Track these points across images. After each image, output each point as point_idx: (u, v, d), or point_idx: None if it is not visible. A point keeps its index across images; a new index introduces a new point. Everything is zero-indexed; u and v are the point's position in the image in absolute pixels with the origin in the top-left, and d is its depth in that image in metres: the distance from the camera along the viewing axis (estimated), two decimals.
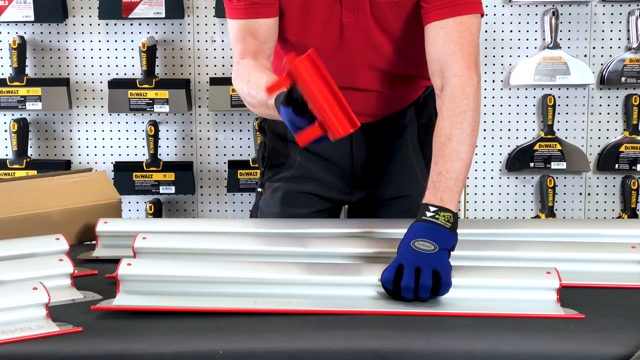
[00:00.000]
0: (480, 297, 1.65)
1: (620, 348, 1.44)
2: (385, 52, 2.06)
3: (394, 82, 2.12)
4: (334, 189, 2.22)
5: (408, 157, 2.21)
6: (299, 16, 2.02)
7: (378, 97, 2.12)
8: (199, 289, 1.65)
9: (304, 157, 2.21)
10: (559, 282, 1.64)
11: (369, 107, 2.12)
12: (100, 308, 1.60)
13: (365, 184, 2.22)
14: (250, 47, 2.02)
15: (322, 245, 1.88)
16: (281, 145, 2.24)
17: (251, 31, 2.02)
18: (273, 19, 2.02)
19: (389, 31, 2.03)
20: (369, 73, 2.07)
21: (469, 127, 1.84)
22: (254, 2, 2.00)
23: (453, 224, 1.71)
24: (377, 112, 2.16)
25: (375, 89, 2.10)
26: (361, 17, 2.01)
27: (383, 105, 2.15)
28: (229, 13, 2.05)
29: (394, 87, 2.13)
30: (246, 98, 1.97)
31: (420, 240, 1.67)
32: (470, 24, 1.94)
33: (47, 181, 2.18)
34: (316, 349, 1.45)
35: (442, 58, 1.92)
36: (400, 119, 2.20)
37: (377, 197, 2.22)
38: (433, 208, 1.72)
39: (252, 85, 1.92)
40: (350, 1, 2.00)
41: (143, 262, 1.73)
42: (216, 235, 1.97)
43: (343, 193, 2.23)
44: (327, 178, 2.20)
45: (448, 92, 1.88)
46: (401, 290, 1.62)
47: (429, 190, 1.78)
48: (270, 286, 1.66)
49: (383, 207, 2.23)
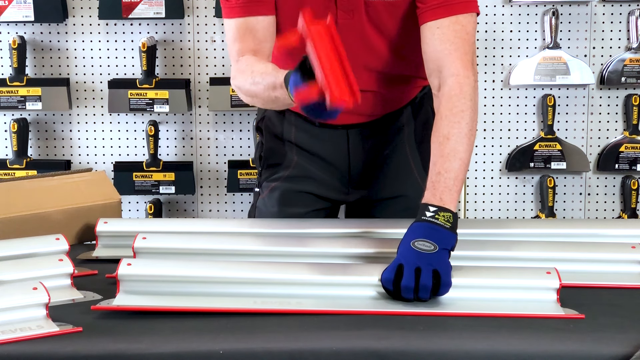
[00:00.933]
0: (480, 297, 1.65)
1: (620, 348, 1.44)
2: (381, 52, 2.06)
3: (391, 82, 2.12)
4: (332, 188, 2.22)
5: (405, 156, 2.21)
6: (294, 17, 2.01)
7: (375, 97, 2.12)
8: (199, 289, 1.65)
9: (301, 157, 2.21)
10: (559, 282, 1.64)
11: (365, 107, 2.12)
12: (100, 308, 1.60)
13: (362, 184, 2.22)
14: (248, 45, 2.01)
15: (322, 245, 1.88)
16: (278, 145, 2.24)
17: (249, 29, 2.01)
18: (270, 18, 2.02)
19: (384, 32, 2.03)
20: (366, 73, 2.07)
21: (467, 126, 1.84)
22: (251, 0, 2.00)
23: (453, 223, 1.71)
24: (374, 112, 2.16)
25: (371, 89, 2.10)
26: (356, 18, 2.01)
27: (380, 105, 2.15)
28: (225, 12, 2.04)
29: (390, 87, 2.13)
30: (250, 88, 1.94)
31: (420, 240, 1.67)
32: (466, 23, 1.94)
33: (47, 181, 2.18)
34: (316, 349, 1.45)
35: (438, 58, 1.92)
36: (397, 118, 2.20)
37: (374, 197, 2.23)
38: (433, 208, 1.72)
39: (257, 73, 1.91)
40: (346, 2, 2.00)
41: (143, 262, 1.73)
42: (216, 235, 1.97)
43: (341, 193, 2.23)
44: (324, 178, 2.20)
45: (445, 92, 1.88)
46: (401, 290, 1.62)
47: (428, 190, 1.78)
48: (270, 286, 1.66)
49: (380, 206, 2.23)
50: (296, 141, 2.21)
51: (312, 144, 2.19)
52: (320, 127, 2.17)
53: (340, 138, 2.18)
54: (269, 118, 2.26)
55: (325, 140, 2.17)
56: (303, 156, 2.21)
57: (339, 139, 2.18)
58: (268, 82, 1.85)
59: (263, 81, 1.87)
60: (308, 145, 2.20)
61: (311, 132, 2.18)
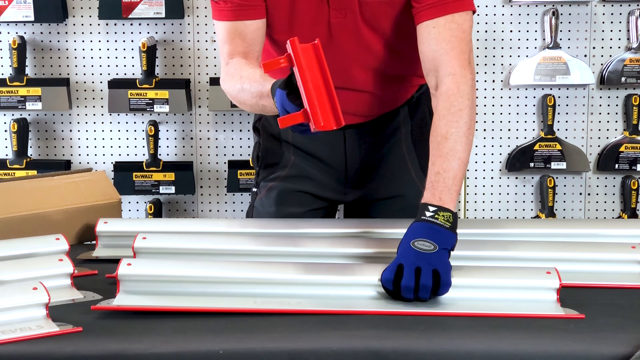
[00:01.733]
0: (480, 297, 1.65)
1: (620, 348, 1.44)
2: (377, 51, 2.06)
3: (387, 81, 2.12)
4: (329, 188, 2.22)
5: (402, 157, 2.21)
6: (286, 17, 2.02)
7: (371, 97, 2.12)
8: (198, 289, 1.65)
9: (298, 157, 2.21)
10: (559, 282, 1.64)
11: (362, 107, 2.12)
12: (100, 308, 1.60)
13: (359, 184, 2.22)
14: (238, 48, 2.02)
15: (322, 245, 1.88)
16: (275, 145, 2.24)
17: (238, 33, 2.02)
18: (260, 21, 2.02)
19: (379, 31, 2.03)
20: (361, 73, 2.07)
21: (465, 125, 1.84)
22: (240, 4, 2.00)
23: (452, 223, 1.72)
24: (370, 112, 2.16)
25: (368, 89, 2.09)
26: (349, 17, 2.01)
27: (376, 106, 2.15)
28: (215, 14, 2.05)
29: (386, 87, 2.13)
30: (238, 95, 1.97)
31: (420, 240, 1.67)
32: (462, 21, 1.93)
33: (47, 181, 2.18)
34: (316, 349, 1.45)
35: (435, 57, 1.92)
36: (393, 118, 2.20)
37: (371, 197, 2.22)
38: (432, 208, 1.73)
39: (246, 79, 1.93)
40: (338, 1, 1.99)
41: (143, 262, 1.73)
42: (216, 235, 1.97)
43: (338, 193, 2.23)
44: (321, 178, 2.20)
45: (443, 92, 1.88)
46: (401, 290, 1.62)
47: (427, 190, 1.78)
48: (270, 286, 1.66)
49: (378, 206, 2.22)
50: (293, 141, 2.21)
51: (309, 144, 2.19)
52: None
53: (337, 138, 2.18)
54: (266, 118, 2.26)
55: (322, 140, 2.17)
56: (300, 156, 2.21)
57: (335, 139, 2.18)
58: (255, 90, 1.87)
59: (251, 88, 1.89)
60: (305, 146, 2.20)
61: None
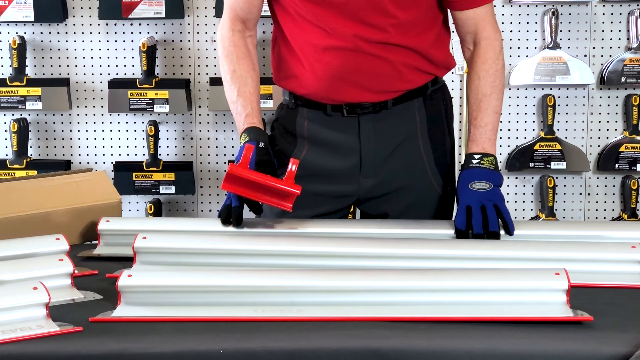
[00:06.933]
0: (488, 301, 1.58)
1: (620, 348, 1.44)
2: (392, 12, 2.08)
3: (397, 51, 2.12)
4: (341, 178, 2.19)
5: (417, 149, 2.20)
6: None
7: (382, 66, 2.11)
8: (199, 299, 1.62)
9: (311, 151, 2.18)
10: (569, 283, 1.58)
11: (374, 78, 2.11)
12: (98, 320, 1.57)
13: (373, 172, 2.19)
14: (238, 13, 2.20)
15: (321, 245, 1.87)
16: (287, 144, 2.23)
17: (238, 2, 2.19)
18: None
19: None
20: (374, 31, 2.09)
21: (501, 83, 2.18)
22: None
23: (495, 165, 2.07)
24: (381, 86, 2.14)
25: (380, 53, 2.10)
26: None
27: (387, 80, 2.14)
28: None
29: (397, 55, 2.13)
30: (224, 82, 2.21)
31: (476, 182, 2.01)
32: None
33: (47, 181, 2.18)
34: (316, 349, 1.45)
35: (475, 22, 2.16)
36: (408, 110, 2.19)
37: (384, 187, 2.20)
38: (477, 155, 2.07)
39: (235, 80, 2.17)
40: None
41: (143, 273, 1.69)
42: (216, 235, 1.97)
43: (351, 183, 2.19)
44: (334, 168, 2.18)
45: (480, 54, 2.17)
46: (474, 227, 1.93)
47: (472, 142, 2.10)
48: (271, 294, 1.63)
49: (389, 200, 2.21)
50: (308, 133, 2.20)
51: (324, 133, 2.18)
52: (332, 114, 2.17)
53: (352, 125, 2.18)
54: (283, 116, 2.26)
55: (337, 127, 2.17)
56: (313, 150, 2.19)
57: (350, 125, 2.17)
58: (233, 100, 2.17)
59: (232, 95, 2.17)
60: (320, 135, 2.19)
61: (323, 122, 2.18)
